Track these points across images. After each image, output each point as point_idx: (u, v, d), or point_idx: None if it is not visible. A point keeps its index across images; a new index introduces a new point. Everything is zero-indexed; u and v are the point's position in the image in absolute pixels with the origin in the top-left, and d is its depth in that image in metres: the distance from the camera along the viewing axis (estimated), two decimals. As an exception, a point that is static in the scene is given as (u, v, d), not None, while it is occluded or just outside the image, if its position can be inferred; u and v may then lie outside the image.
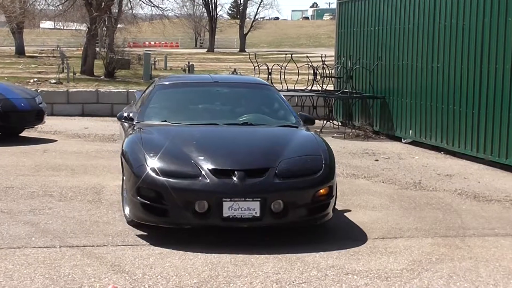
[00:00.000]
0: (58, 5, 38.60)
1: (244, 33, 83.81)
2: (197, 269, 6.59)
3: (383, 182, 11.28)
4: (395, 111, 16.61)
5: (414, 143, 15.75)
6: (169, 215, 7.33)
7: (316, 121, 17.93)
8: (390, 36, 16.80)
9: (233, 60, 53.04)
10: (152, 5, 40.37)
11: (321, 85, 19.59)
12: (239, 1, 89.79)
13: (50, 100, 19.27)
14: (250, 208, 7.20)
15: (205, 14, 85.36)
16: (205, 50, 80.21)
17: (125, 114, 9.30)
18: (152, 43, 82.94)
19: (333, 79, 20.03)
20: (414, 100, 15.71)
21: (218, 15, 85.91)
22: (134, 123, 9.01)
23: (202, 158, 7.58)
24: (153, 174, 7.42)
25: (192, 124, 8.88)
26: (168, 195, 7.27)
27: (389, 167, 12.68)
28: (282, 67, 19.40)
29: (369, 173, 12.02)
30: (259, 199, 7.22)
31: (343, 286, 6.22)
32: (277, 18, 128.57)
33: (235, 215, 7.19)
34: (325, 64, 19.64)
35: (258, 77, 19.42)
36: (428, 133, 15.10)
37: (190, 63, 36.98)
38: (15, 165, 11.77)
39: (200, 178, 7.33)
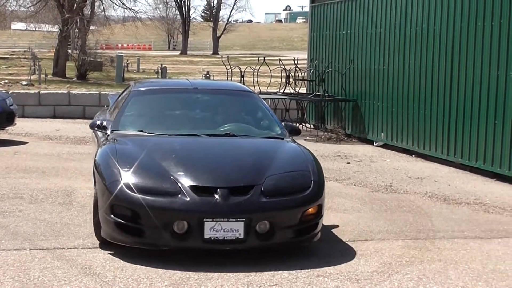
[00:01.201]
0: (29, 6, 38.49)
1: (218, 35, 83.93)
2: (168, 271, 6.57)
3: (354, 184, 11.34)
4: (367, 114, 16.69)
5: (385, 146, 15.85)
6: (145, 235, 6.78)
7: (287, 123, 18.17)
8: (362, 39, 16.88)
9: (206, 63, 53.01)
10: (125, 7, 40.38)
11: (293, 88, 19.65)
12: (212, 3, 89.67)
13: (21, 102, 19.16)
14: (233, 229, 6.67)
15: (178, 17, 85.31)
16: (178, 53, 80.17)
17: (98, 122, 8.57)
18: (125, 45, 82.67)
19: (305, 82, 20.10)
20: (385, 104, 15.80)
21: (191, 18, 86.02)
22: (108, 132, 8.34)
23: (182, 173, 7.02)
24: (127, 191, 6.85)
25: (170, 134, 8.27)
26: (144, 214, 6.70)
27: (361, 170, 12.74)
28: (255, 70, 19.43)
29: (340, 175, 12.07)
30: (244, 219, 6.68)
31: (313, 288, 6.25)
32: (250, 21, 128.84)
33: (217, 237, 6.66)
34: (298, 67, 19.69)
35: (231, 80, 19.50)
36: (399, 136, 15.19)
37: (163, 66, 36.90)
38: (-15, 167, 11.68)
39: (179, 195, 6.77)
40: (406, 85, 14.91)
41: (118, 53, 39.06)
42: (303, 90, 20.24)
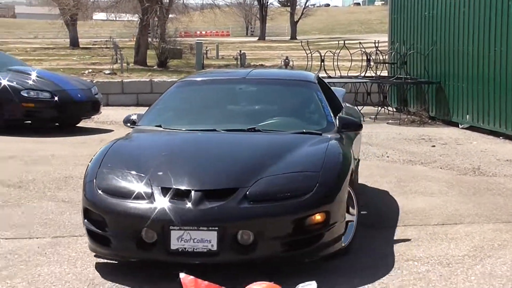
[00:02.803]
0: (110, -3, 39.03)
1: (295, 20, 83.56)
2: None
3: (440, 168, 11.16)
4: (451, 96, 16.41)
5: (471, 128, 15.54)
6: (111, 245, 5.91)
7: (370, 107, 18.04)
8: (445, 20, 16.58)
9: (285, 48, 52.87)
10: (203, -6, 40.49)
11: (374, 71, 19.44)
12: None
13: (105, 91, 19.50)
14: (204, 239, 5.56)
15: (256, 3, 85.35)
16: (256, 39, 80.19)
17: (132, 117, 7.86)
18: (203, 32, 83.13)
19: (387, 65, 19.86)
20: (470, 85, 15.49)
21: (268, 3, 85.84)
22: (133, 127, 7.70)
23: (161, 174, 6.09)
24: (99, 192, 6.03)
25: (187, 130, 7.35)
26: (109, 220, 5.88)
27: (447, 153, 12.53)
28: (335, 54, 19.27)
29: (426, 159, 11.90)
30: (217, 228, 5.58)
31: (404, 272, 6.17)
32: (328, 5, 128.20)
33: (185, 248, 5.59)
34: (379, 50, 19.48)
35: (311, 64, 19.40)
36: (486, 118, 14.88)
37: (242, 52, 36.98)
38: (74, 155, 11.95)
39: (150, 199, 5.84)
40: (492, 65, 14.56)
41: (197, 40, 39.29)
42: (384, 73, 20.01)
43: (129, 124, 7.80)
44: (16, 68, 16.00)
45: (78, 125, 15.68)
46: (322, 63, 19.24)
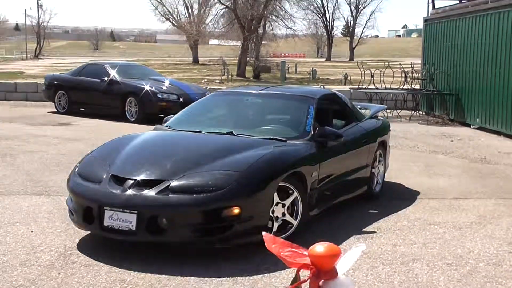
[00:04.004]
0: (221, 28, 39.52)
1: (353, 47, 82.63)
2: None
3: (456, 157, 10.88)
4: (466, 104, 15.91)
5: (480, 128, 15.05)
6: (72, 217, 5.45)
7: (406, 111, 17.70)
8: (463, 48, 16.07)
9: (344, 66, 52.16)
10: (287, 27, 40.42)
11: (410, 85, 19.07)
12: (349, 24, 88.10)
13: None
14: (127, 220, 4.94)
15: (325, 33, 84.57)
16: (324, 59, 79.61)
17: (166, 118, 7.02)
18: (286, 54, 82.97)
19: (419, 80, 19.43)
20: (481, 96, 14.99)
21: (334, 34, 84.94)
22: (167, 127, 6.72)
23: (119, 163, 5.46)
24: (75, 175, 5.58)
25: (182, 130, 6.39)
26: (72, 197, 5.44)
27: (461, 146, 12.19)
28: (382, 72, 18.97)
29: (446, 150, 11.61)
30: (136, 212, 4.92)
31: (427, 233, 6.07)
32: (377, 36, 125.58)
33: (114, 226, 5.00)
34: (414, 70, 19.09)
35: (364, 78, 19.14)
36: (491, 121, 14.39)
37: (314, 69, 36.79)
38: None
39: (98, 183, 5.26)
40: (497, 82, 14.06)
41: (282, 60, 39.30)
42: (416, 86, 19.55)
43: (163, 124, 6.86)
44: (155, 77, 16.35)
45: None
46: (372, 78, 18.95)
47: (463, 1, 17.35)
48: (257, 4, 35.90)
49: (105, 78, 15.60)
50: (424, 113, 18.17)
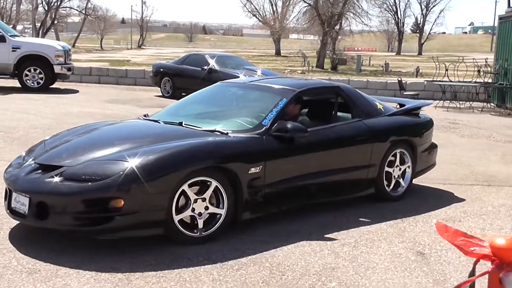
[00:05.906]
0: (303, 24, 39.06)
1: (421, 42, 79.79)
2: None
3: (531, 147, 10.29)
4: (539, 98, 15.01)
5: (552, 121, 14.18)
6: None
7: (476, 103, 16.90)
8: (538, 45, 15.14)
9: (413, 60, 50.52)
10: (363, 23, 39.50)
11: (482, 78, 18.19)
12: (419, 21, 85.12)
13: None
14: (23, 203, 4.41)
15: (396, 30, 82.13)
16: (394, 53, 77.37)
17: None
18: (360, 48, 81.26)
19: (491, 74, 18.49)
20: (554, 91, 14.09)
21: (404, 30, 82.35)
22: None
23: (42, 149, 4.94)
24: (19, 157, 5.10)
25: (145, 119, 5.60)
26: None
27: (535, 137, 11.53)
28: (456, 66, 18.19)
29: (517, 140, 11.02)
30: (29, 196, 4.37)
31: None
32: (444, 33, 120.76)
33: (16, 208, 4.49)
34: (488, 64, 18.23)
35: (438, 72, 18.41)
36: None
37: (386, 62, 35.91)
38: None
39: (19, 168, 4.74)
40: None
41: (357, 53, 38.57)
42: (488, 80, 18.62)
43: None
44: (248, 67, 16.38)
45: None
46: (446, 71, 18.20)
47: (539, 0, 16.32)
48: (337, 2, 35.29)
49: (205, 67, 15.80)
50: (495, 105, 17.30)
